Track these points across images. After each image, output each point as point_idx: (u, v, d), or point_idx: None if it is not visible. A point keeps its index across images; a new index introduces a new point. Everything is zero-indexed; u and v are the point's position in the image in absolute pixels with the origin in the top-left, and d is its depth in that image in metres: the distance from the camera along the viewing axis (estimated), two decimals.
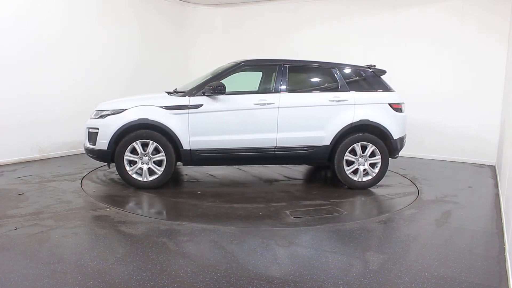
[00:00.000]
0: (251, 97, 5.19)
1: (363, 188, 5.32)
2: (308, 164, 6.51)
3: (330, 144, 5.22)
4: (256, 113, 5.14)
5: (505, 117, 5.75)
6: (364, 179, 5.32)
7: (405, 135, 5.58)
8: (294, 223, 4.01)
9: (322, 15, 8.61)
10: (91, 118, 5.25)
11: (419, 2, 7.71)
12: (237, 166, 6.65)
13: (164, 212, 4.50)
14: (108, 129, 4.99)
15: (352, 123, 5.20)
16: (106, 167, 6.15)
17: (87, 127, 5.22)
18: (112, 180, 5.61)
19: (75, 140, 7.31)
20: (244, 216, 4.21)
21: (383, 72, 5.55)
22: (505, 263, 3.16)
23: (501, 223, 4.12)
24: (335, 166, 5.26)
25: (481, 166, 7.28)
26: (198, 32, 9.77)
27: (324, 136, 5.21)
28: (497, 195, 5.30)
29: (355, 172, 5.30)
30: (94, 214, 4.11)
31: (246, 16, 9.47)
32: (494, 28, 7.15)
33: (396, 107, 5.37)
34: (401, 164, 6.87)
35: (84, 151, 5.48)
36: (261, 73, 5.93)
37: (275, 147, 5.17)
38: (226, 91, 5.03)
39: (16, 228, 3.60)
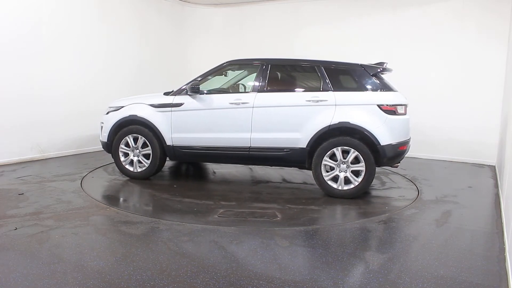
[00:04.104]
0: (228, 97, 5.22)
1: (343, 198, 4.83)
2: (290, 167, 5.73)
3: (306, 147, 4.90)
4: (231, 113, 5.13)
5: (505, 117, 5.74)
6: (345, 187, 4.83)
7: (404, 141, 4.93)
8: (211, 221, 3.99)
9: (322, 15, 8.60)
10: (104, 114, 5.78)
11: (419, 2, 7.71)
12: (248, 166, 6.64)
13: (120, 199, 4.89)
14: (108, 123, 5.56)
15: (330, 125, 4.79)
16: (106, 167, 6.29)
17: (100, 122, 5.79)
18: (111, 180, 5.61)
19: (75, 140, 7.32)
20: (176, 210, 4.39)
21: (376, 69, 5.00)
22: (505, 263, 3.16)
23: (501, 223, 4.12)
24: (312, 171, 4.94)
25: (481, 166, 7.28)
26: (198, 32, 9.77)
27: (299, 138, 4.92)
28: (497, 195, 5.29)
29: (336, 179, 4.88)
30: (94, 214, 4.11)
31: (246, 16, 9.46)
32: (494, 28, 7.15)
33: (388, 109, 4.77)
34: (401, 164, 6.84)
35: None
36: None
37: (249, 147, 5.10)
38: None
39: (16, 228, 3.60)
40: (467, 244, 3.56)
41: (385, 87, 4.98)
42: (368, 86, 4.95)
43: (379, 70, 5.02)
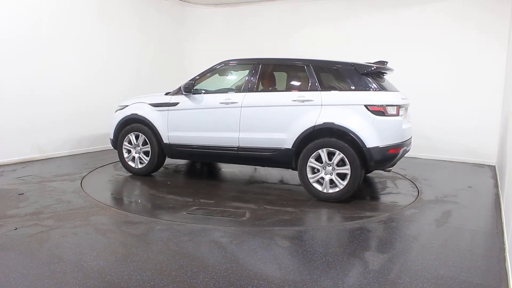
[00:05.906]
0: (219, 96, 5.24)
1: (329, 201, 4.66)
2: (278, 167, 5.59)
3: (292, 147, 4.80)
4: (221, 112, 5.18)
5: (506, 117, 5.74)
6: (331, 190, 4.65)
7: (396, 144, 4.59)
8: (177, 217, 4.08)
9: (322, 15, 8.60)
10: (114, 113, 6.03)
11: (419, 2, 7.71)
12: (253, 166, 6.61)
13: (117, 196, 5.03)
14: (114, 121, 5.86)
15: (314, 126, 4.64)
16: (106, 168, 6.30)
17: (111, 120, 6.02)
18: (112, 180, 5.62)
19: (75, 140, 7.32)
20: (152, 205, 4.59)
21: (368, 68, 4.74)
22: (505, 263, 3.16)
23: (501, 223, 4.12)
24: (298, 173, 4.83)
25: (481, 166, 7.28)
26: (198, 32, 9.77)
27: (285, 138, 4.83)
28: (497, 195, 5.29)
29: (322, 181, 4.71)
30: (94, 214, 4.11)
31: (246, 16, 9.46)
32: (494, 28, 7.15)
33: (376, 110, 4.51)
34: (401, 164, 6.86)
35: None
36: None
37: (238, 147, 5.11)
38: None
39: (16, 228, 3.60)
40: (467, 244, 3.56)
41: (377, 87, 4.68)
42: (357, 86, 4.70)
43: (372, 69, 4.77)
